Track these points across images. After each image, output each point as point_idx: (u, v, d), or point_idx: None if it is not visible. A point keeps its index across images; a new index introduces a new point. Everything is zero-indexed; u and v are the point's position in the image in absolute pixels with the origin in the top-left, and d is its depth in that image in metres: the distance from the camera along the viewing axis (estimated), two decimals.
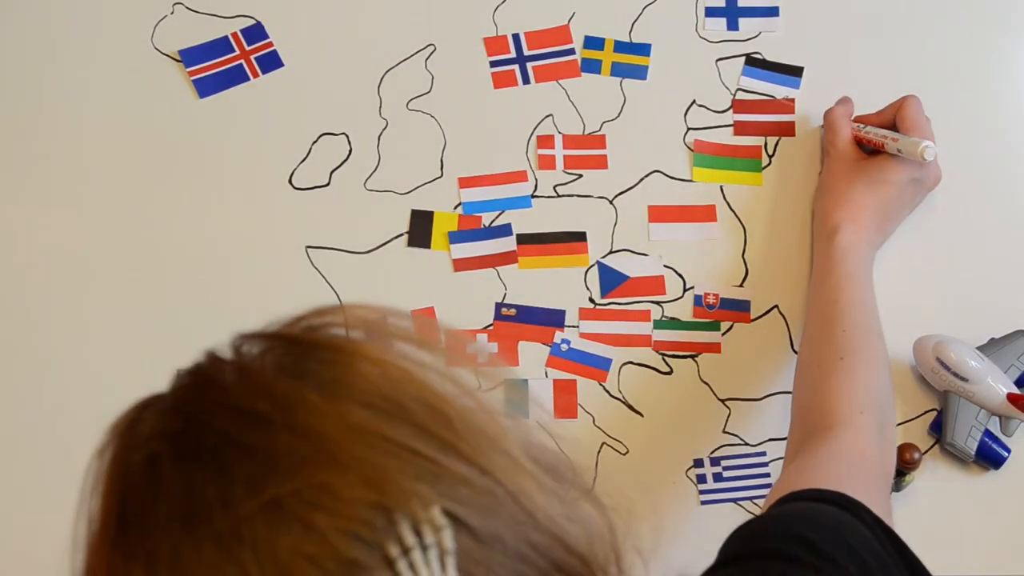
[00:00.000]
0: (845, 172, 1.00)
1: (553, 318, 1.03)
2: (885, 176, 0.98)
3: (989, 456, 0.96)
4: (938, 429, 0.97)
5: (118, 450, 0.47)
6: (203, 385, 0.47)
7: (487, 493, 0.43)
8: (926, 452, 0.97)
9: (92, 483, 0.47)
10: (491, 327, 1.03)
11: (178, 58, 1.12)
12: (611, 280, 1.04)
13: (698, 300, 1.04)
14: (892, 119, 1.00)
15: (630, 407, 1.01)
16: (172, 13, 1.15)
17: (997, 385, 0.96)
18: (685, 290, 1.04)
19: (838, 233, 0.96)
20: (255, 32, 1.14)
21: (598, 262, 1.05)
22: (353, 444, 0.42)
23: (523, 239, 1.06)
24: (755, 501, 0.97)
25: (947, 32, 1.14)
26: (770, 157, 1.09)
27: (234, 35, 1.13)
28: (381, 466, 0.42)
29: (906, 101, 1.00)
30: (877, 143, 0.99)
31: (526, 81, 1.12)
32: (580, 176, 1.08)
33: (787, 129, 1.10)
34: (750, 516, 0.97)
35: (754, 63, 1.12)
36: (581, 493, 0.48)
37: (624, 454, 0.99)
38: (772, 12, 1.14)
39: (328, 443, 0.42)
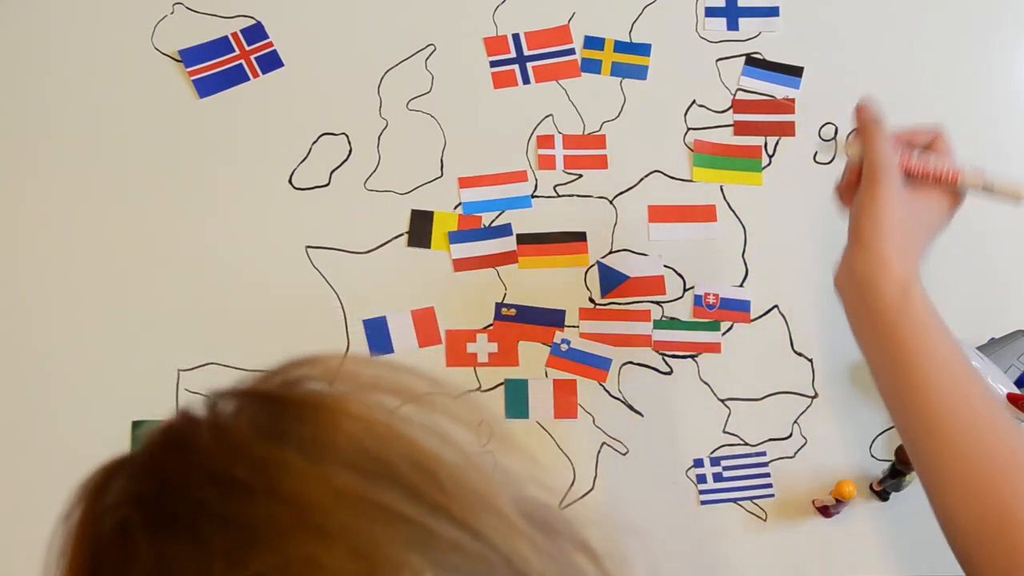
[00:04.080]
0: (903, 211, 0.76)
1: (553, 318, 1.03)
2: (943, 218, 0.78)
3: None
4: None
5: (86, 514, 0.43)
6: (176, 446, 0.43)
7: (481, 559, 0.41)
8: None
9: (59, 549, 0.43)
10: (491, 327, 1.03)
11: (178, 58, 1.13)
12: (611, 280, 1.04)
13: (698, 300, 1.04)
14: (924, 144, 0.81)
15: (630, 407, 1.01)
16: (172, 13, 1.15)
17: (997, 385, 0.96)
18: (685, 290, 1.04)
19: (912, 288, 0.72)
20: (255, 32, 1.14)
21: (598, 262, 1.05)
22: (339, 510, 0.39)
23: (523, 239, 1.06)
24: (755, 501, 0.97)
25: (947, 31, 1.14)
26: (770, 157, 1.09)
27: (234, 35, 1.13)
28: (369, 534, 0.39)
29: (942, 134, 0.80)
30: (945, 176, 0.78)
31: (526, 81, 1.12)
32: (580, 176, 1.08)
33: (787, 129, 1.10)
34: (750, 516, 0.97)
35: (754, 63, 1.12)
36: (574, 546, 0.46)
37: (624, 454, 0.99)
38: (772, 12, 1.14)
39: (313, 510, 0.39)
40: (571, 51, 1.13)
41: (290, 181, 1.08)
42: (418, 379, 0.46)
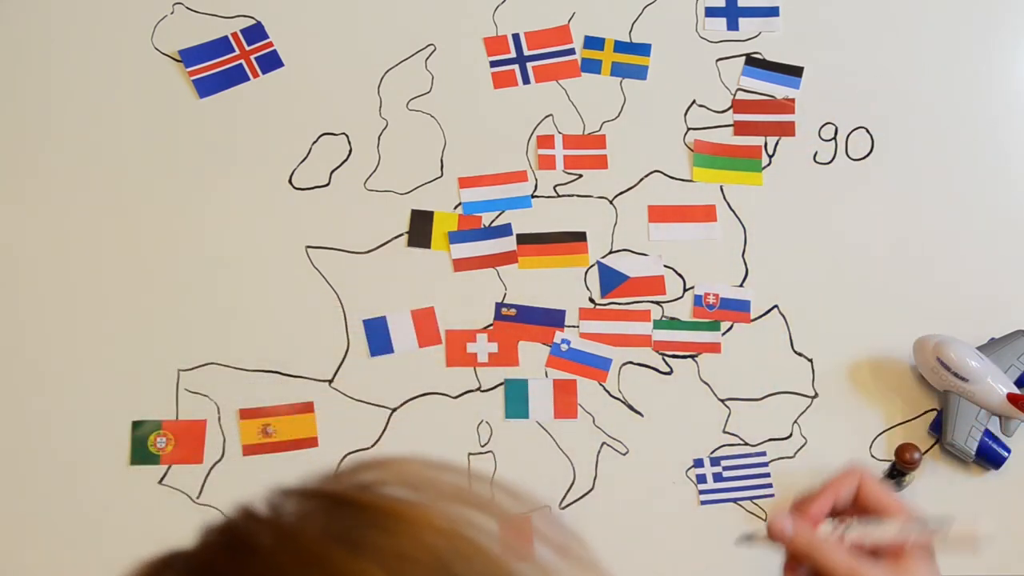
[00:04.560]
0: None
1: (553, 318, 1.03)
2: (935, 567, 0.68)
3: (989, 456, 0.96)
4: (938, 429, 0.97)
5: None
6: (237, 547, 0.38)
7: None
8: (926, 452, 0.97)
9: None
10: (491, 327, 1.03)
11: (178, 58, 1.12)
12: (611, 280, 1.04)
13: (698, 300, 1.04)
14: (850, 495, 0.69)
15: (630, 407, 1.01)
16: (172, 13, 1.15)
17: (997, 385, 0.96)
18: (685, 290, 1.04)
19: None
20: (255, 32, 1.14)
21: (598, 262, 1.05)
22: None
23: (523, 239, 1.06)
24: (755, 501, 0.97)
25: (947, 31, 1.14)
26: (770, 157, 1.09)
27: (234, 35, 1.13)
28: None
29: (865, 481, 0.68)
30: (894, 547, 0.66)
31: (526, 81, 1.12)
32: (580, 176, 1.08)
33: (787, 129, 1.10)
34: (750, 516, 0.97)
35: (754, 63, 1.12)
36: None
37: (624, 454, 0.99)
38: (772, 12, 1.14)
39: None
40: (571, 51, 1.13)
41: (290, 181, 1.08)
42: (498, 490, 0.42)
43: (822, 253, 1.05)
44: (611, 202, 1.07)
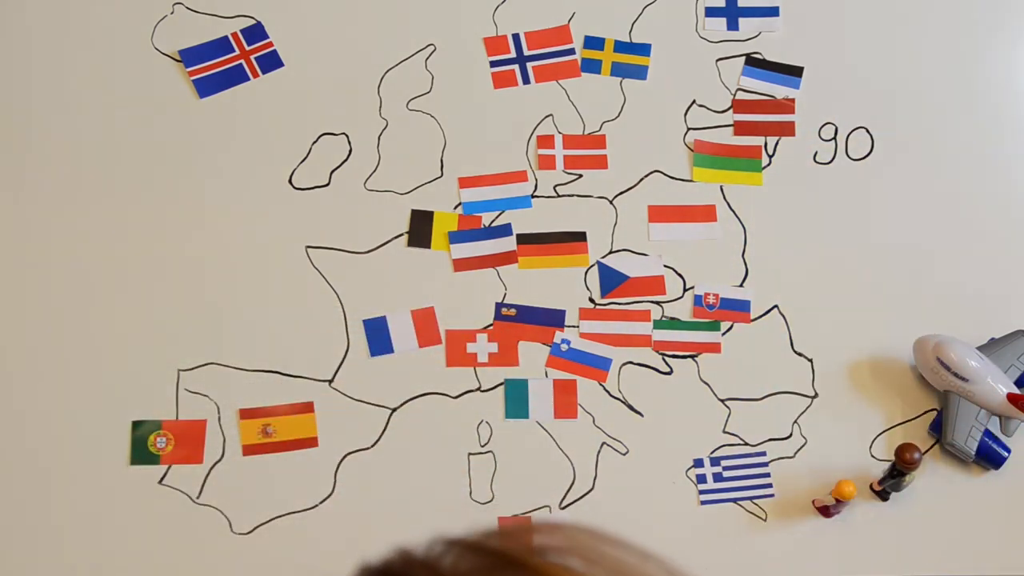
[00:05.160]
0: None
1: (553, 318, 1.03)
2: None
3: (989, 456, 0.96)
4: (938, 429, 0.97)
5: None
6: None
7: None
8: (926, 452, 0.97)
9: None
10: (491, 327, 1.03)
11: (178, 58, 1.12)
12: (611, 280, 1.04)
13: (698, 300, 1.04)
14: None
15: (630, 407, 1.01)
16: (172, 13, 1.14)
17: (997, 385, 0.96)
18: (685, 290, 1.04)
19: None
20: (255, 32, 1.14)
21: (598, 262, 1.05)
22: None
23: (523, 239, 1.06)
24: (755, 501, 0.97)
25: (947, 31, 1.14)
26: (770, 157, 1.09)
27: (234, 35, 1.13)
28: None
29: None
30: None
31: (526, 81, 1.12)
32: (580, 176, 1.08)
33: (787, 129, 1.10)
34: (750, 516, 0.97)
35: (754, 63, 1.12)
36: None
37: (624, 454, 0.99)
38: (772, 12, 1.14)
39: None
40: (571, 51, 1.13)
41: (290, 181, 1.08)
42: (659, 569, 0.41)
43: (822, 253, 1.05)
44: (611, 202, 1.07)
